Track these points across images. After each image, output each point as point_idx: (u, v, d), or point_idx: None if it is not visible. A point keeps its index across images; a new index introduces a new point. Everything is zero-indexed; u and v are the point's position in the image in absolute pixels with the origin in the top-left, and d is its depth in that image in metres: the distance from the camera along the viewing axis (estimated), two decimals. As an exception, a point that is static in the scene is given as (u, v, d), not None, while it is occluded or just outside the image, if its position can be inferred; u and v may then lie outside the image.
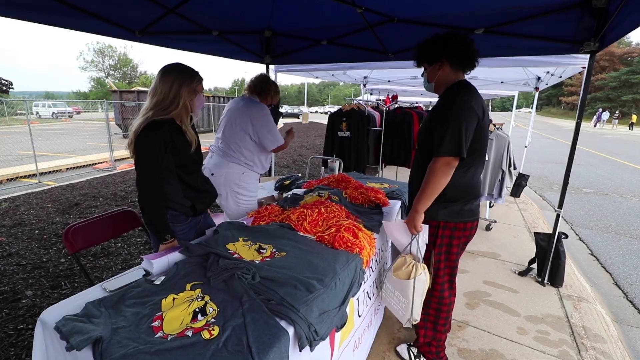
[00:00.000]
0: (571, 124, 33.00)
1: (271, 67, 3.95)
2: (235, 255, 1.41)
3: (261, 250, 1.50)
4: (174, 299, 1.15)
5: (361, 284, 1.51)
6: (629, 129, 28.12)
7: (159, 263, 1.35)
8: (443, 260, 1.75)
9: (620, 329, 2.60)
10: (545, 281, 2.95)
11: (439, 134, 1.52)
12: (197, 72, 1.59)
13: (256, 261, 1.39)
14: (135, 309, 1.12)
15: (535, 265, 3.11)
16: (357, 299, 1.66)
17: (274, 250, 1.51)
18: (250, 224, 1.85)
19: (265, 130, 2.34)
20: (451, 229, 1.69)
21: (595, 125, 31.28)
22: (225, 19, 2.94)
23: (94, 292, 1.25)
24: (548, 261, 2.92)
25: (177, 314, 1.09)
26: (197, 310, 1.11)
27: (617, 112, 32.73)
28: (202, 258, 1.37)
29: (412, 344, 2.03)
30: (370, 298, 1.91)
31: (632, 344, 2.46)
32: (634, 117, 29.22)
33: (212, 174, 2.34)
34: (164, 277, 1.24)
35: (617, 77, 39.32)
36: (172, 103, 1.49)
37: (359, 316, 1.73)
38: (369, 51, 3.16)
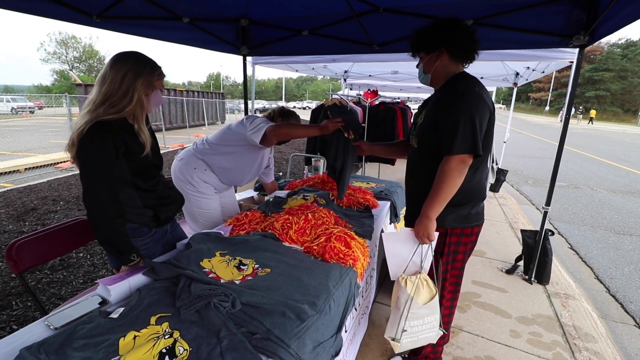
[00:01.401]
0: (540, 119, 34.47)
1: (248, 59, 3.70)
2: (211, 275, 1.21)
3: (242, 267, 1.30)
4: (135, 337, 0.94)
5: (356, 300, 1.36)
6: (589, 123, 29.99)
7: (117, 289, 1.13)
8: (450, 270, 1.61)
9: (607, 325, 2.60)
10: (533, 279, 2.92)
11: (449, 130, 1.35)
12: (158, 66, 1.34)
13: (236, 281, 1.20)
14: (85, 354, 0.90)
15: (521, 263, 3.08)
16: (348, 314, 1.50)
17: (256, 266, 1.32)
18: (228, 234, 1.65)
19: (251, 124, 1.97)
20: (458, 235, 1.55)
21: (561, 120, 32.50)
22: (196, 4, 2.67)
23: (35, 330, 1.02)
24: (535, 259, 2.89)
25: (139, 357, 0.89)
26: (164, 350, 0.91)
27: (581, 107, 34.50)
28: (171, 282, 1.16)
29: (406, 356, 1.90)
30: (356, 310, 1.75)
31: (619, 340, 2.46)
32: (593, 112, 31.27)
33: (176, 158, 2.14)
34: (122, 309, 1.02)
35: (582, 74, 41.32)
36: (124, 97, 1.23)
37: (346, 331, 1.58)
38: (353, 43, 2.98)
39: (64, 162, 8.13)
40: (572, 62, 2.70)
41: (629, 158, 11.62)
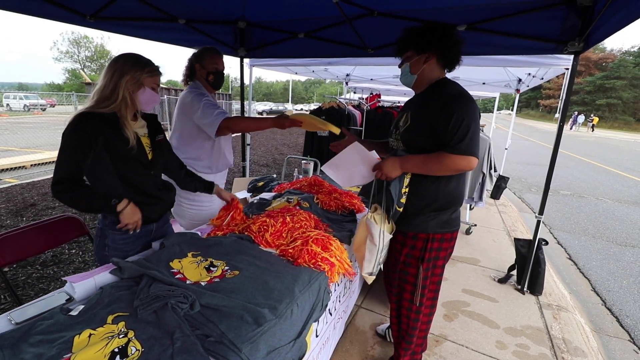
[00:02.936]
0: (548, 126, 34.01)
1: (246, 60, 3.72)
2: (177, 276, 1.21)
3: (211, 269, 1.30)
4: (90, 335, 0.94)
5: (326, 305, 1.34)
6: (591, 130, 29.53)
7: (82, 286, 1.14)
8: (430, 277, 1.59)
9: (599, 340, 2.53)
10: (525, 289, 2.86)
11: (457, 131, 1.32)
12: (150, 64, 1.36)
13: (202, 283, 1.19)
14: (39, 349, 0.90)
15: (515, 272, 3.03)
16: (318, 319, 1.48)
17: (226, 268, 1.31)
18: (206, 235, 1.65)
19: (198, 114, 1.93)
20: (439, 240, 1.53)
21: (571, 128, 32.30)
22: (193, 5, 2.70)
23: (-4, 325, 1.03)
24: (528, 268, 2.83)
25: (90, 356, 0.88)
26: (116, 350, 0.90)
27: (592, 115, 33.98)
28: (135, 281, 1.16)
29: (385, 364, 1.88)
30: (331, 314, 1.72)
31: (612, 355, 2.39)
32: (596, 119, 30.86)
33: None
34: (82, 306, 1.03)
35: (593, 81, 40.70)
36: (112, 94, 1.30)
37: (317, 336, 1.55)
38: (348, 46, 2.98)
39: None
40: (567, 68, 2.66)
41: (638, 168, 11.38)
